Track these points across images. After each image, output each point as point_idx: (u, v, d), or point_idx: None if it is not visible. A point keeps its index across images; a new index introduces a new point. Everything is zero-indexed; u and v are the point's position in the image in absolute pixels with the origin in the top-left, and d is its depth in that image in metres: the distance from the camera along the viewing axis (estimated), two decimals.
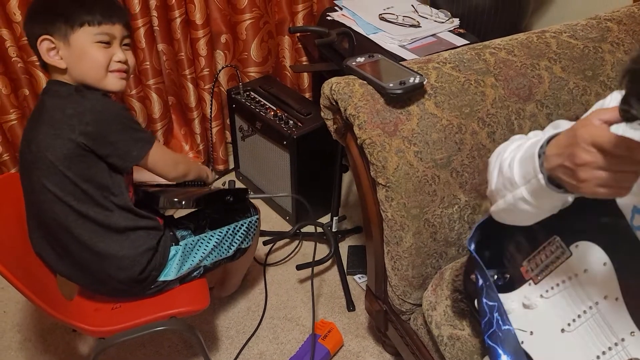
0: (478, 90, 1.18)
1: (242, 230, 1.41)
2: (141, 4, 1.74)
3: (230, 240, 1.38)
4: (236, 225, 1.40)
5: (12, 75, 1.77)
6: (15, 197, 1.24)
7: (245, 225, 1.42)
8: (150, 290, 1.25)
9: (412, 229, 1.14)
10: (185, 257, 1.27)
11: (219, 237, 1.35)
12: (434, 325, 1.11)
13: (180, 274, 1.26)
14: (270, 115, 1.87)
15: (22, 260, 1.14)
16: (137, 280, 1.20)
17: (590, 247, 0.78)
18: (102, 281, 1.21)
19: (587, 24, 1.36)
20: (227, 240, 1.37)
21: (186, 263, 1.28)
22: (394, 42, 1.62)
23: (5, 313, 1.70)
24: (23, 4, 1.64)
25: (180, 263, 1.26)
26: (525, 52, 1.26)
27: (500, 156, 0.85)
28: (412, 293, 1.22)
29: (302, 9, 2.03)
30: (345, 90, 1.14)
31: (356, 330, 1.62)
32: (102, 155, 1.11)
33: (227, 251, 1.38)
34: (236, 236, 1.39)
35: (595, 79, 1.28)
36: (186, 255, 1.28)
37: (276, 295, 1.73)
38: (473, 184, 1.17)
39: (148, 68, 1.88)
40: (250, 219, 1.44)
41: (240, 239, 1.40)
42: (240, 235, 1.40)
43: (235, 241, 1.39)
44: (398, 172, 1.10)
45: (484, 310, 0.91)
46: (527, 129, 1.21)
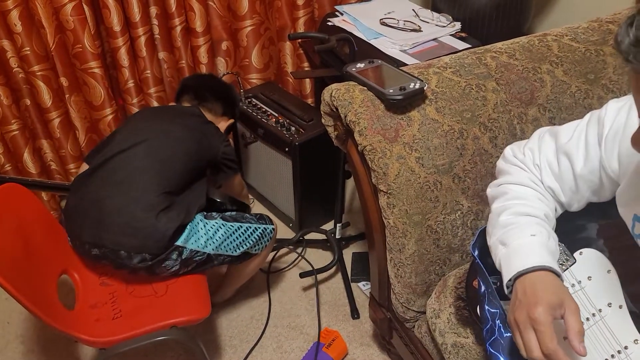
0: (479, 95, 1.17)
1: (256, 234, 1.44)
2: (141, 12, 1.75)
3: (240, 239, 1.41)
4: (249, 226, 1.44)
5: (14, 85, 1.78)
6: (15, 208, 1.24)
7: (260, 230, 1.46)
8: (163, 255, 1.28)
9: (414, 235, 1.12)
10: (192, 233, 1.32)
11: (228, 229, 1.39)
12: (438, 333, 1.10)
13: (184, 245, 1.30)
14: (272, 122, 1.86)
15: (22, 271, 1.14)
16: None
17: (595, 254, 0.77)
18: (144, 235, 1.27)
19: (588, 26, 1.35)
20: (237, 237, 1.40)
21: (191, 239, 1.31)
22: (395, 47, 1.61)
23: (9, 324, 1.69)
24: (24, 15, 1.64)
25: (187, 235, 1.30)
26: (527, 56, 1.25)
27: (502, 201, 0.87)
28: (416, 300, 1.21)
29: (303, 15, 2.02)
30: (345, 97, 1.13)
31: (361, 338, 1.61)
32: None
33: (234, 250, 1.40)
34: (248, 238, 1.43)
35: (597, 82, 1.26)
36: (192, 231, 1.32)
37: (280, 303, 1.72)
38: (475, 189, 1.16)
39: (149, 77, 1.88)
40: (266, 226, 1.48)
41: (251, 242, 1.43)
42: (253, 239, 1.43)
43: (246, 243, 1.42)
44: (399, 179, 1.09)
45: (486, 317, 0.90)
46: (529, 133, 1.19)
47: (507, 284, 0.77)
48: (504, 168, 0.91)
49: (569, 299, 0.70)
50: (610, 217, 0.77)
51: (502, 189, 0.88)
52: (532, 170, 0.85)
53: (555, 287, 0.71)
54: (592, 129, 0.78)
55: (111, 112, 1.86)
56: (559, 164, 0.82)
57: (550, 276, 0.73)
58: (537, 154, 0.85)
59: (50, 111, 1.82)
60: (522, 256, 0.75)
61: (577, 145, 0.79)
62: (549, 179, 0.83)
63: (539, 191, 0.84)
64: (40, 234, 1.28)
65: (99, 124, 1.88)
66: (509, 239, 0.79)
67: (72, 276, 1.34)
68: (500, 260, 0.80)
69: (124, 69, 1.80)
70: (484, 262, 0.92)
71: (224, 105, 1.66)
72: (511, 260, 0.77)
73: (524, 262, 0.75)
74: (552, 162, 0.83)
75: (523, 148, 0.89)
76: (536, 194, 0.83)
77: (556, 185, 0.82)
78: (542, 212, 0.81)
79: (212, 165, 1.50)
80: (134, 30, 1.77)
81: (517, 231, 0.79)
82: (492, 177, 1.17)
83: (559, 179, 0.82)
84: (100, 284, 1.36)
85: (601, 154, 0.76)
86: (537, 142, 0.87)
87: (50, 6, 1.67)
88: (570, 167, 0.80)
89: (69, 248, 1.37)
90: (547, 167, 0.84)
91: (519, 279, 0.75)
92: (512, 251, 0.78)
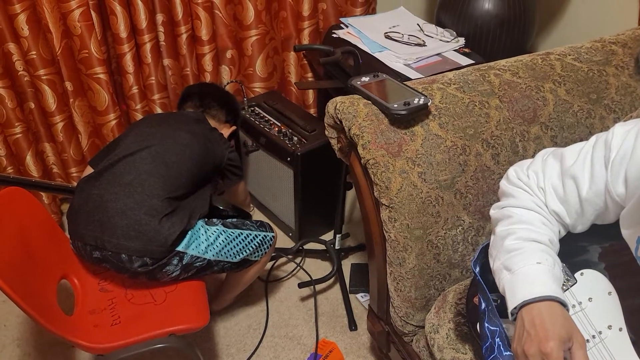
0: (482, 112, 1.18)
1: (256, 241, 1.45)
2: (148, 19, 1.76)
3: (240, 246, 1.42)
4: (250, 233, 1.45)
5: (18, 89, 1.79)
6: (17, 211, 1.24)
7: (260, 237, 1.47)
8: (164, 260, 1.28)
9: (415, 250, 1.13)
10: (193, 238, 1.33)
11: (228, 236, 1.40)
12: (437, 349, 1.10)
13: (185, 251, 1.31)
14: (274, 131, 1.87)
15: (22, 275, 1.14)
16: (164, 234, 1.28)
17: (596, 276, 0.78)
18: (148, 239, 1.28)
19: (591, 46, 1.36)
20: (237, 244, 1.41)
21: (192, 244, 1.32)
22: (399, 60, 1.63)
23: (6, 327, 1.69)
24: (31, 19, 1.65)
25: (188, 241, 1.31)
26: (530, 74, 1.26)
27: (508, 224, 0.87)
28: (415, 315, 1.21)
29: (308, 26, 2.04)
30: (349, 110, 1.14)
31: (358, 350, 1.60)
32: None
33: (235, 256, 1.41)
34: (248, 245, 1.44)
35: (599, 102, 1.27)
36: (194, 237, 1.33)
37: (277, 313, 1.72)
38: (477, 205, 1.16)
39: (153, 83, 1.89)
40: (266, 233, 1.49)
41: (251, 249, 1.44)
42: (253, 246, 1.44)
43: (246, 250, 1.43)
44: (402, 193, 1.09)
45: (486, 334, 0.90)
46: (531, 151, 1.20)
47: (512, 311, 0.77)
48: (507, 190, 0.91)
49: (577, 332, 0.70)
50: (612, 239, 0.78)
51: (505, 211, 0.88)
52: (536, 193, 0.86)
53: (563, 319, 0.72)
54: (598, 152, 0.79)
55: (115, 118, 1.87)
56: (564, 187, 0.82)
57: (557, 308, 0.73)
58: (542, 176, 0.85)
59: (54, 115, 1.83)
60: (528, 284, 0.76)
61: (583, 168, 0.79)
62: (553, 203, 0.83)
63: (543, 215, 0.84)
64: (41, 238, 1.29)
65: (103, 129, 1.89)
66: (514, 265, 0.79)
67: (72, 281, 1.34)
68: (504, 286, 0.80)
69: (129, 75, 1.81)
70: (485, 279, 0.93)
71: (227, 113, 1.68)
72: (516, 288, 0.77)
73: (530, 291, 0.75)
74: (556, 185, 0.83)
75: (527, 170, 0.89)
76: (540, 218, 0.83)
77: (561, 209, 0.83)
78: (546, 238, 0.81)
79: (217, 172, 1.51)
80: (140, 37, 1.78)
81: (523, 257, 0.79)
82: (493, 194, 1.18)
83: (564, 202, 0.82)
84: (100, 290, 1.36)
85: (607, 177, 0.76)
86: (541, 165, 0.87)
87: (58, 11, 1.68)
88: (575, 190, 0.80)
89: (70, 253, 1.37)
90: (551, 190, 0.84)
91: (525, 308, 0.75)
92: (517, 278, 0.78)
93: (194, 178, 1.40)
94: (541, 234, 0.81)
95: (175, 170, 1.36)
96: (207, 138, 1.48)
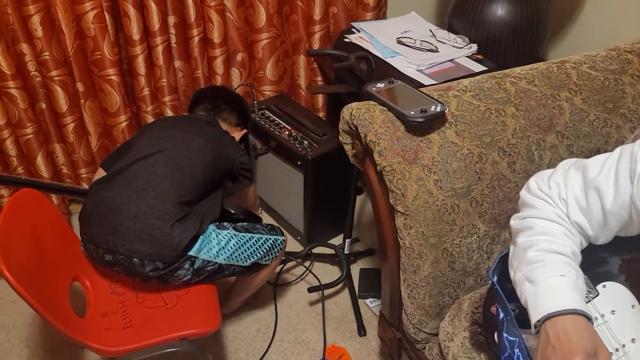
0: (499, 120, 1.17)
1: (266, 245, 1.45)
2: (160, 22, 1.76)
3: (251, 250, 1.42)
4: (260, 237, 1.45)
5: (30, 89, 1.79)
6: (30, 213, 1.24)
7: (270, 241, 1.47)
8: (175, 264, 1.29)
9: (430, 257, 1.12)
10: (204, 243, 1.32)
11: (239, 240, 1.40)
12: (451, 357, 1.10)
13: (197, 255, 1.31)
14: (284, 134, 1.87)
15: (36, 277, 1.14)
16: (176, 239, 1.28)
17: (618, 288, 0.77)
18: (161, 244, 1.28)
19: (607, 55, 1.36)
20: (248, 248, 1.41)
21: (204, 248, 1.32)
22: (411, 66, 1.62)
23: (14, 327, 1.69)
24: (45, 20, 1.66)
25: (200, 245, 1.31)
26: (546, 82, 1.26)
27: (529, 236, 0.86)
28: (429, 322, 1.20)
29: (319, 30, 2.04)
30: (365, 116, 1.13)
31: (367, 356, 1.60)
32: None
33: (245, 260, 1.41)
34: (259, 249, 1.44)
35: (616, 111, 1.27)
36: (205, 241, 1.33)
37: (286, 317, 1.72)
38: (492, 214, 1.16)
39: (164, 85, 1.89)
40: (276, 237, 1.49)
41: (261, 253, 1.44)
42: (264, 249, 1.44)
43: (257, 254, 1.43)
44: (417, 201, 1.09)
45: (504, 345, 0.90)
46: (547, 159, 1.20)
47: (536, 324, 0.76)
48: (528, 201, 0.90)
49: (602, 346, 0.70)
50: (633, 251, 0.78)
51: (527, 222, 0.87)
52: (558, 204, 0.85)
53: (589, 332, 0.71)
54: (623, 164, 0.78)
55: (125, 119, 1.87)
56: (587, 198, 0.81)
57: (582, 321, 0.73)
58: (563, 188, 0.85)
59: (65, 116, 1.83)
60: (552, 297, 0.75)
61: (607, 180, 0.79)
62: (575, 214, 0.83)
63: (566, 227, 0.83)
64: (53, 240, 1.28)
65: (113, 130, 1.89)
66: (536, 277, 0.79)
67: (84, 283, 1.34)
68: (526, 298, 0.79)
69: (141, 76, 1.82)
70: (502, 288, 0.92)
71: (239, 116, 1.68)
72: (540, 301, 0.77)
73: (554, 303, 0.75)
74: (579, 197, 0.83)
75: (548, 181, 0.88)
76: (563, 230, 0.83)
77: (583, 220, 0.82)
78: (569, 250, 0.81)
79: (228, 175, 1.51)
80: (152, 39, 1.78)
81: (545, 270, 0.78)
82: (509, 202, 1.18)
83: (586, 213, 0.82)
84: (111, 293, 1.35)
85: (633, 190, 0.76)
86: (563, 176, 0.86)
87: (72, 12, 1.68)
88: (599, 202, 0.80)
89: (81, 255, 1.37)
90: (574, 201, 0.83)
91: (549, 321, 0.74)
92: (540, 290, 0.77)
93: (206, 182, 1.40)
94: (563, 245, 0.81)
95: (188, 174, 1.36)
96: (219, 142, 1.48)
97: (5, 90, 1.70)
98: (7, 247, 1.06)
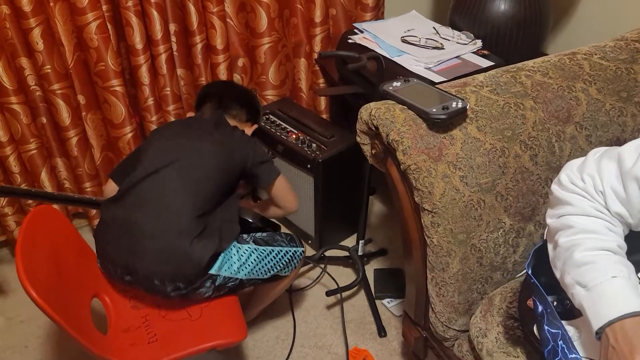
0: (518, 114, 1.18)
1: (286, 257, 1.42)
2: (163, 30, 1.74)
3: (272, 263, 1.39)
4: (280, 250, 1.42)
5: (31, 103, 1.76)
6: (47, 230, 1.21)
7: (290, 253, 1.44)
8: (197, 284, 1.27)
9: (458, 254, 1.12)
10: (225, 259, 1.30)
11: (260, 254, 1.37)
12: (485, 352, 1.09)
13: (218, 273, 1.28)
14: (292, 138, 1.86)
15: (59, 296, 1.11)
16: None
17: None
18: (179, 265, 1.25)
19: (615, 45, 1.37)
20: (268, 262, 1.39)
21: (224, 265, 1.29)
22: (419, 64, 1.62)
23: (27, 347, 1.65)
24: (46, 33, 1.63)
25: (221, 263, 1.28)
26: (560, 74, 1.26)
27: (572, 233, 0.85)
28: (458, 319, 1.20)
29: (320, 32, 2.03)
30: (386, 116, 1.13)
31: (390, 357, 1.59)
32: None
33: (266, 273, 1.38)
34: (279, 262, 1.41)
35: (630, 100, 1.28)
36: (226, 257, 1.30)
37: (305, 323, 1.70)
38: (517, 207, 1.16)
39: (168, 94, 1.87)
40: (296, 249, 1.46)
41: (281, 265, 1.41)
42: (284, 262, 1.41)
43: (277, 266, 1.40)
44: (445, 198, 1.08)
45: (546, 338, 0.89)
46: (567, 151, 1.20)
47: (598, 331, 0.76)
48: (562, 197, 0.88)
49: None
50: None
51: (564, 220, 0.86)
52: (595, 198, 0.84)
53: None
54: None
55: (131, 131, 1.84)
56: (626, 189, 0.81)
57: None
58: (598, 180, 0.84)
59: (68, 129, 1.80)
60: (609, 303, 0.76)
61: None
62: (615, 205, 0.82)
63: (607, 219, 0.83)
64: (71, 256, 1.26)
65: (118, 142, 1.86)
66: (588, 282, 0.78)
67: (104, 300, 1.31)
68: (581, 303, 0.79)
69: (145, 86, 1.79)
70: (537, 281, 0.92)
71: (248, 112, 1.62)
72: (597, 308, 0.77)
73: (612, 310, 0.75)
74: (616, 187, 0.82)
75: (580, 174, 0.87)
76: (605, 224, 0.83)
77: (623, 210, 0.82)
78: (615, 244, 0.80)
79: (245, 175, 1.46)
80: (155, 48, 1.76)
81: (597, 273, 0.78)
82: (532, 195, 1.18)
83: (626, 203, 0.81)
84: (132, 307, 1.33)
85: None
86: (595, 167, 0.86)
87: (71, 24, 1.66)
88: (638, 191, 0.80)
89: (99, 271, 1.34)
90: (611, 192, 0.82)
91: (609, 327, 0.75)
92: (596, 296, 0.77)
93: (221, 189, 1.38)
94: (609, 241, 0.80)
95: (203, 185, 1.33)
96: (230, 142, 1.43)
97: (7, 106, 1.67)
98: (29, 266, 1.04)
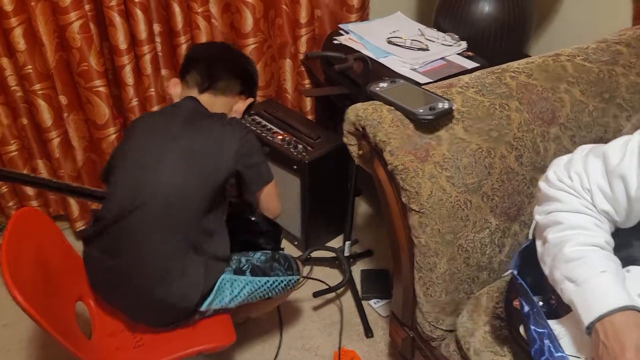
0: (504, 115, 1.19)
1: (280, 286, 1.36)
2: (147, 30, 1.72)
3: (264, 292, 1.35)
4: (276, 280, 1.35)
5: (12, 104, 1.72)
6: (32, 232, 1.19)
7: (285, 282, 1.38)
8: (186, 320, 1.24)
9: (446, 254, 1.13)
10: (217, 295, 1.25)
11: (254, 286, 1.32)
12: (472, 352, 1.10)
13: (209, 308, 1.24)
14: (278, 139, 1.85)
15: (44, 298, 1.09)
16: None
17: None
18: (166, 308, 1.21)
19: (597, 47, 1.40)
20: (262, 292, 1.34)
21: (215, 300, 1.25)
22: (405, 65, 1.63)
23: (9, 352, 1.62)
24: (27, 33, 1.60)
25: (211, 300, 1.24)
26: (544, 76, 1.28)
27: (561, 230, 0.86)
28: (445, 319, 1.21)
29: (306, 33, 2.03)
30: (373, 117, 1.13)
31: (377, 357, 1.59)
32: None
33: (256, 299, 1.35)
34: (272, 290, 1.36)
35: (612, 101, 1.30)
36: (218, 293, 1.25)
37: (291, 325, 1.70)
38: (503, 207, 1.17)
39: (153, 95, 1.85)
40: (291, 277, 1.39)
41: (273, 293, 1.37)
42: (276, 290, 1.36)
43: (268, 294, 1.36)
44: (432, 198, 1.09)
45: (533, 337, 0.90)
46: (552, 151, 1.22)
47: (589, 326, 0.77)
48: (550, 194, 0.90)
49: None
50: None
51: (553, 217, 0.87)
52: (582, 195, 0.86)
53: (636, 327, 0.73)
54: None
55: (115, 132, 1.82)
56: (612, 186, 0.82)
57: (632, 316, 0.74)
58: (585, 177, 0.85)
59: (50, 130, 1.77)
60: (599, 298, 0.77)
61: (630, 167, 0.80)
62: (602, 203, 0.84)
63: (594, 216, 0.84)
64: (56, 258, 1.24)
65: (102, 143, 1.83)
66: (577, 277, 0.79)
67: (88, 303, 1.29)
68: (571, 298, 0.80)
69: (129, 87, 1.77)
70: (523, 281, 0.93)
71: (243, 83, 1.37)
72: (587, 303, 0.78)
73: (601, 304, 0.76)
74: (602, 185, 0.84)
75: (568, 171, 0.88)
76: (592, 220, 0.84)
77: (610, 208, 0.83)
78: (603, 240, 0.82)
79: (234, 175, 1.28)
80: (139, 48, 1.74)
81: (585, 268, 0.79)
82: (518, 195, 1.19)
83: (612, 201, 0.83)
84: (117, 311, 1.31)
85: None
86: (582, 165, 0.87)
87: (53, 23, 1.63)
88: (624, 189, 0.81)
89: (83, 274, 1.32)
90: (597, 190, 0.84)
91: (599, 322, 0.76)
92: (585, 291, 0.78)
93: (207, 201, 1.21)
94: (597, 237, 0.82)
95: (182, 215, 1.19)
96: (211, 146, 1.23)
97: None
98: (14, 268, 1.01)
